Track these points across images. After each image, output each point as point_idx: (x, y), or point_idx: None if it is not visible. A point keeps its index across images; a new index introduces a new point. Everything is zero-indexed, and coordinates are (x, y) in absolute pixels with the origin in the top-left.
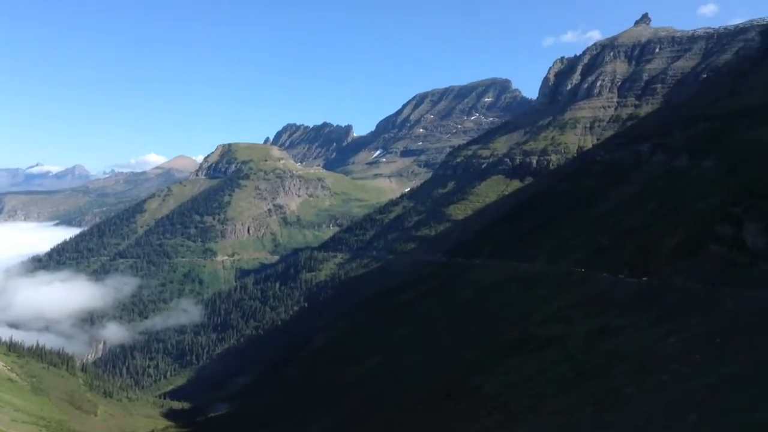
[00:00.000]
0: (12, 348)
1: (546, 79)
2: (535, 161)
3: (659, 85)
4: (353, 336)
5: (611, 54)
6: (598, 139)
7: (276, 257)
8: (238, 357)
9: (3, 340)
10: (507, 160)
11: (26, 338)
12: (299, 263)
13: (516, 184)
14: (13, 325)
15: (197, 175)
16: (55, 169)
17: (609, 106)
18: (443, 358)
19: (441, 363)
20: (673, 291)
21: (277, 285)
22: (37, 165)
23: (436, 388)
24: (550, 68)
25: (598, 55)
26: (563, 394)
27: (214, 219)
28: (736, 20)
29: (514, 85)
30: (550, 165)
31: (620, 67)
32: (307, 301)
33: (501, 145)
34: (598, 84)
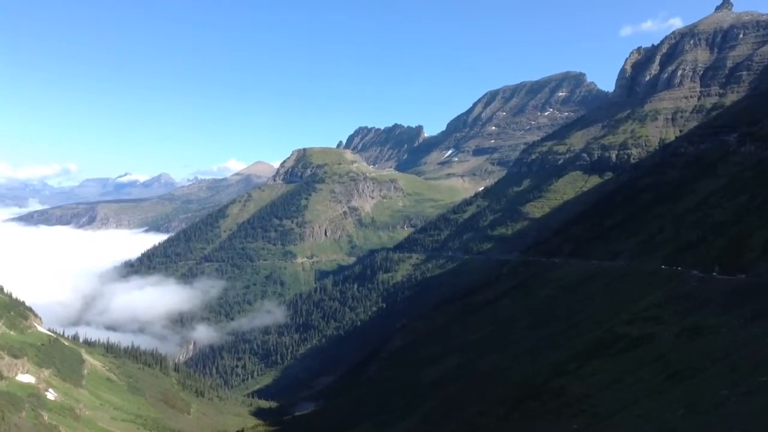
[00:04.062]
0: (110, 349)
1: (623, 71)
2: (614, 156)
3: (745, 72)
4: (431, 336)
5: (691, 42)
6: (680, 131)
7: (353, 259)
8: (320, 357)
9: (101, 342)
10: (584, 155)
11: (122, 340)
12: (375, 264)
13: (595, 180)
14: (111, 328)
15: (275, 180)
16: (142, 177)
17: (691, 96)
18: (524, 358)
19: (522, 364)
20: None
21: (355, 286)
22: (125, 174)
23: (519, 390)
24: (627, 59)
25: (677, 44)
26: (654, 396)
27: (292, 222)
28: None
29: (589, 78)
30: (631, 159)
31: (702, 55)
32: (385, 301)
33: (578, 140)
34: (679, 73)
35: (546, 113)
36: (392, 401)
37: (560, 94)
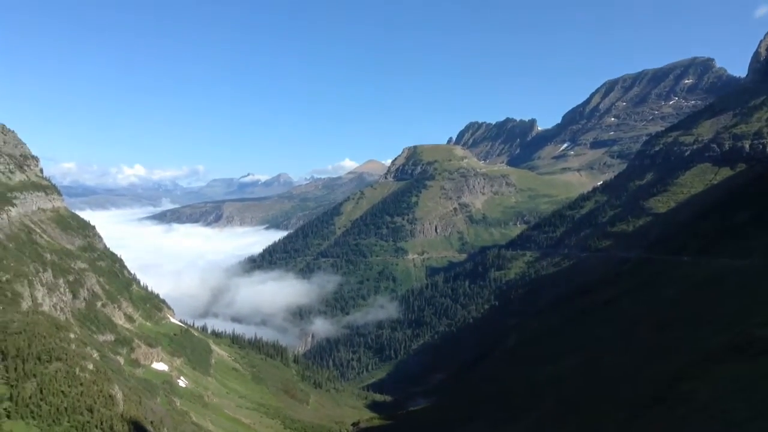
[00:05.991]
0: (235, 340)
1: (756, 54)
2: (747, 145)
3: None
4: (547, 336)
5: None
6: None
7: (464, 255)
8: (433, 353)
9: (227, 333)
10: (714, 145)
11: (246, 331)
12: (487, 261)
13: (726, 172)
14: (236, 320)
15: (386, 177)
16: (263, 177)
17: None
18: (647, 361)
19: (644, 367)
20: None
21: (467, 283)
22: (248, 175)
23: (641, 394)
24: (762, 41)
25: None
26: None
27: (403, 219)
28: None
29: (718, 64)
30: (767, 149)
31: None
32: (497, 299)
33: (706, 129)
34: None
35: (670, 102)
36: (507, 400)
37: (686, 81)
